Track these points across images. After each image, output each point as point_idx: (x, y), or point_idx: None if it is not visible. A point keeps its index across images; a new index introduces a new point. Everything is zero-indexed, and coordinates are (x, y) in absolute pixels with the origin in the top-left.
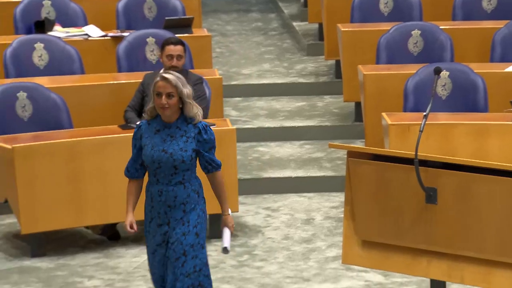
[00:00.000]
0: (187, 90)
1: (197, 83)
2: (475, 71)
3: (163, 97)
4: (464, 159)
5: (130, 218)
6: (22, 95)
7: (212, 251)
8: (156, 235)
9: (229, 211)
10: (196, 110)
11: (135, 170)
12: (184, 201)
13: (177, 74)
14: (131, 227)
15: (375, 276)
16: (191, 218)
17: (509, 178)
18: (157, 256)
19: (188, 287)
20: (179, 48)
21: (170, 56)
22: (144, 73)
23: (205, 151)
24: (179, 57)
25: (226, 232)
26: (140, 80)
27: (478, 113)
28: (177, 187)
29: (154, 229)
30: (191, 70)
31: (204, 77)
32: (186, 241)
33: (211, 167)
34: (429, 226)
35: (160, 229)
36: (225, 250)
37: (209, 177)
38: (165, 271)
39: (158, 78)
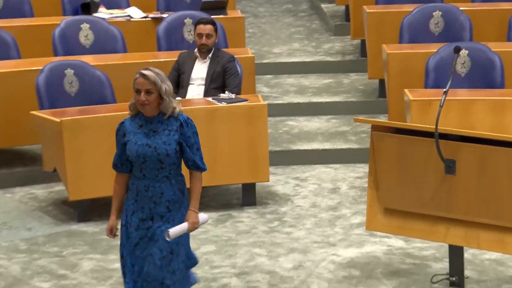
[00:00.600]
0: (166, 86)
1: (230, 61)
2: (492, 50)
3: (142, 93)
4: (482, 132)
5: (112, 223)
6: (69, 72)
7: (245, 217)
8: (139, 229)
9: (196, 209)
10: (174, 105)
11: (121, 164)
12: (169, 199)
13: (156, 70)
14: (111, 232)
15: (396, 242)
16: (176, 217)
17: None
18: (138, 249)
19: (175, 283)
20: (208, 27)
21: (200, 35)
22: (181, 53)
23: (187, 145)
24: (208, 35)
25: (183, 225)
26: (174, 60)
27: (495, 90)
28: (164, 184)
29: (135, 223)
30: (224, 49)
31: (238, 56)
32: (173, 240)
33: (191, 165)
34: (448, 195)
35: (143, 223)
36: (166, 233)
37: (190, 172)
38: (143, 264)
39: (137, 75)
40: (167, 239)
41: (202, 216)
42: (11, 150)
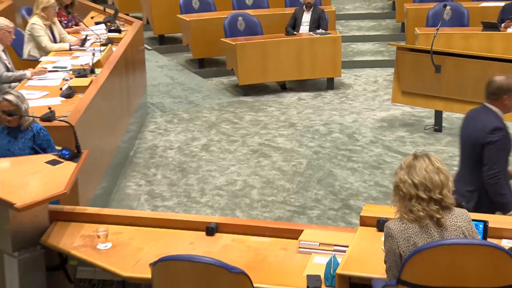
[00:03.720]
0: (25, 105)
1: (322, 12)
2: (464, 6)
3: (6, 114)
4: (457, 50)
5: None
6: (240, 18)
7: (327, 95)
8: None
9: None
10: (30, 120)
11: None
12: None
13: (16, 93)
14: None
15: (407, 108)
16: None
17: (481, 60)
18: None
19: None
20: None
21: None
22: (296, 8)
23: (41, 149)
24: None
25: None
26: (292, 12)
27: (465, 27)
28: None
29: None
30: (319, 6)
31: (327, 10)
32: None
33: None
34: (437, 84)
35: None
36: None
37: None
38: None
39: (1, 99)
40: None
41: None
42: (210, 59)
